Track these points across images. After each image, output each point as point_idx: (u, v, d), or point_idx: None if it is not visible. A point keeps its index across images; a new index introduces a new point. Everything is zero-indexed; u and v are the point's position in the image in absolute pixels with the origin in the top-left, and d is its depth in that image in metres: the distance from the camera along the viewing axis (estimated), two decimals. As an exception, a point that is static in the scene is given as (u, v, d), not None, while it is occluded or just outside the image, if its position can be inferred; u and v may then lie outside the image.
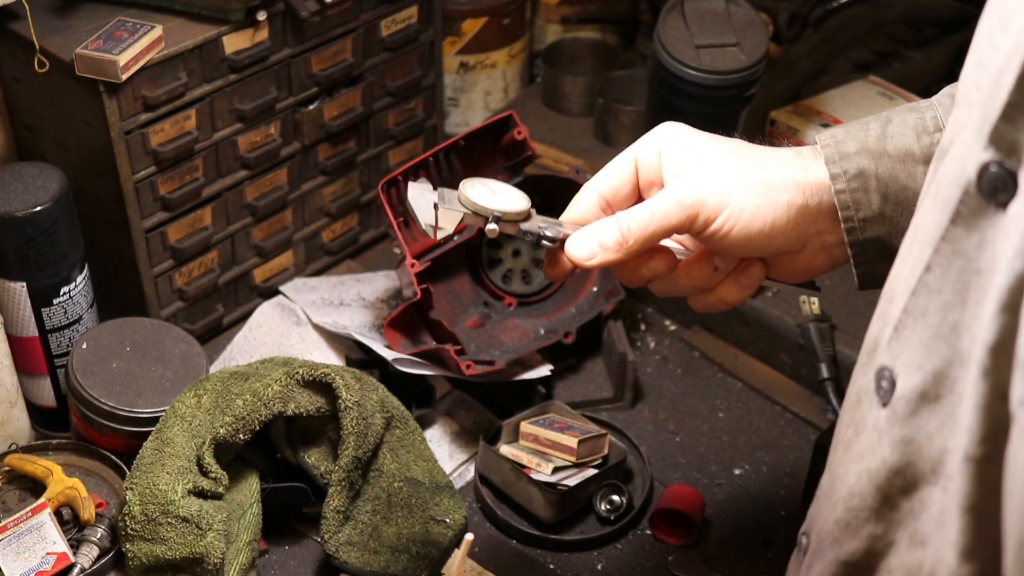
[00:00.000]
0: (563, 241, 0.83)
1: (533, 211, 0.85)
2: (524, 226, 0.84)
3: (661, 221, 0.80)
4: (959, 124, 0.61)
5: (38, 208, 1.11)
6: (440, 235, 0.84)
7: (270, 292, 1.38)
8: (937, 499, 0.59)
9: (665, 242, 0.84)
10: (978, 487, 0.53)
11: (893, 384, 0.61)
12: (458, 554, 0.86)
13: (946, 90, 0.83)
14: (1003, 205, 0.52)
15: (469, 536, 0.81)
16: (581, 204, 0.85)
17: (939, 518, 0.59)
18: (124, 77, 1.11)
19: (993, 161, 0.52)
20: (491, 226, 0.83)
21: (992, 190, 0.53)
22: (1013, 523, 0.50)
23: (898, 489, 0.62)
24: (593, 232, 0.81)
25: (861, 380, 0.67)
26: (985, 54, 0.58)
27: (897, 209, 0.79)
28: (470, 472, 1.21)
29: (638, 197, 0.85)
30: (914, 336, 0.59)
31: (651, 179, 0.83)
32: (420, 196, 0.85)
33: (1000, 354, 0.51)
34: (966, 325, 0.55)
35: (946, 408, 0.58)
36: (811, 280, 0.87)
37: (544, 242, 0.84)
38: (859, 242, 0.80)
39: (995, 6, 0.58)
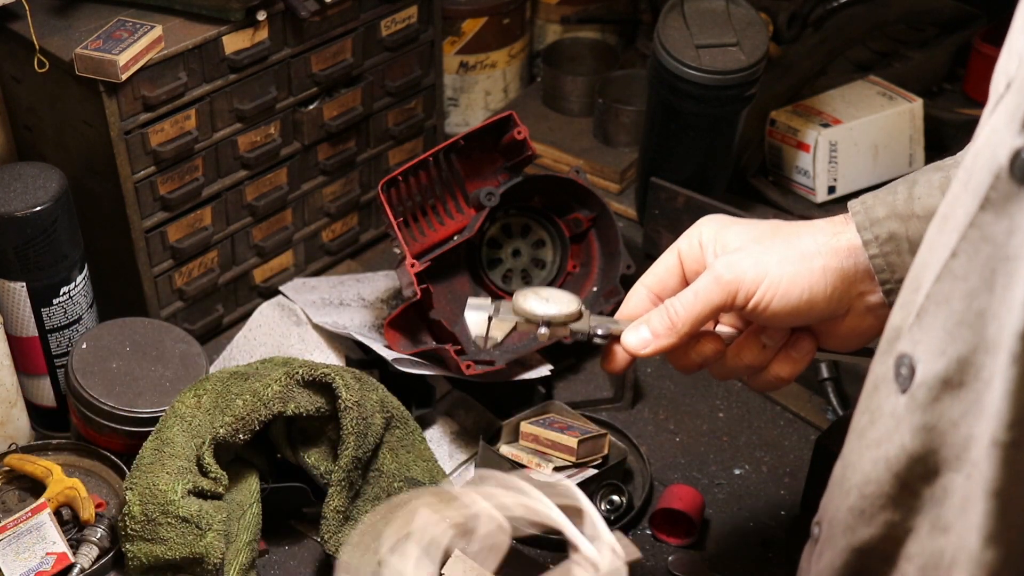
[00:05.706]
0: (615, 336, 0.88)
1: (585, 311, 0.89)
2: (574, 327, 0.88)
3: (705, 301, 0.83)
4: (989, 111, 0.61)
5: (38, 208, 1.11)
6: (489, 344, 0.90)
7: (270, 292, 1.38)
8: (960, 486, 0.59)
9: (718, 328, 0.88)
10: (1005, 472, 0.54)
11: (913, 371, 0.61)
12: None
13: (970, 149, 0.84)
14: None
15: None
16: (633, 301, 0.89)
17: (963, 504, 0.59)
18: (124, 77, 1.11)
19: None
20: (543, 330, 0.87)
21: None
22: None
23: (919, 476, 0.62)
24: (644, 322, 0.86)
25: (879, 368, 0.67)
26: (1018, 43, 0.58)
27: None
28: (470, 472, 1.21)
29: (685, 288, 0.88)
30: (936, 322, 0.59)
31: (695, 269, 0.87)
32: (475, 311, 0.90)
33: None
34: (993, 311, 0.55)
35: (970, 395, 0.58)
36: (865, 347, 0.88)
37: (596, 339, 0.88)
38: None
39: None
